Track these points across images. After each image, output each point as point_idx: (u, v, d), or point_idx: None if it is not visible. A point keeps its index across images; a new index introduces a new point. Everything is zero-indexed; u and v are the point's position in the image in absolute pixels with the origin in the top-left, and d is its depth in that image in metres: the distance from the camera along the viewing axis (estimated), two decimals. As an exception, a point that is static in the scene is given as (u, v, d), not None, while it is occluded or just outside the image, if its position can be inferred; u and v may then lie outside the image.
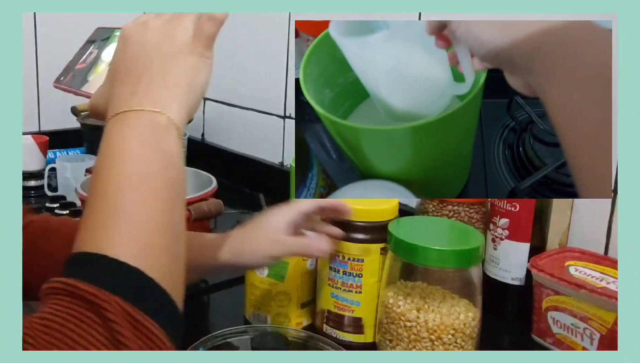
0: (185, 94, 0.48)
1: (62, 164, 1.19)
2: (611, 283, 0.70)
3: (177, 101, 0.48)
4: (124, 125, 0.46)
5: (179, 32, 0.50)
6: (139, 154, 0.44)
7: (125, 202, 0.41)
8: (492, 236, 0.81)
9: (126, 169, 0.43)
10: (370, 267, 0.70)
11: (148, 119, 0.46)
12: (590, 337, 0.70)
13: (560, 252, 0.79)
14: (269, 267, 0.74)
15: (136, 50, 0.49)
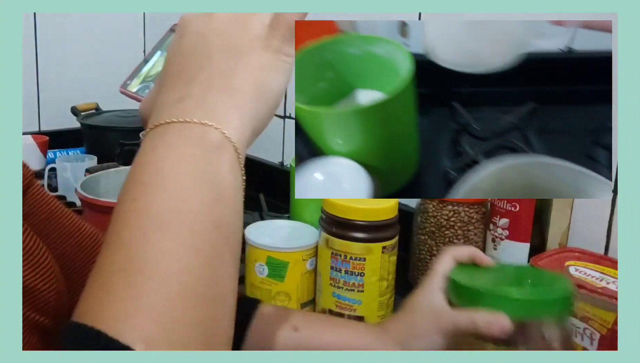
0: (252, 103, 0.38)
1: (62, 164, 1.19)
2: (611, 283, 0.70)
3: (239, 111, 0.37)
4: (162, 142, 0.35)
5: (252, 21, 0.39)
6: (177, 184, 0.33)
7: (148, 254, 0.30)
8: (492, 236, 0.81)
9: (155, 206, 0.32)
10: (371, 266, 0.71)
11: (196, 135, 0.35)
12: (590, 337, 0.70)
13: (560, 252, 0.79)
14: (269, 268, 0.74)
15: (194, 43, 0.38)
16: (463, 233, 0.84)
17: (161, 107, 0.37)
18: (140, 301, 0.29)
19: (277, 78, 0.38)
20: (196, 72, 0.37)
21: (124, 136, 1.32)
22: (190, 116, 0.35)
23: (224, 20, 0.38)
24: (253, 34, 0.38)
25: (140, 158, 0.35)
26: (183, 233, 0.31)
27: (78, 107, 1.48)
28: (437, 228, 0.85)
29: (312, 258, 0.75)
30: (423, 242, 0.87)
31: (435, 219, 0.85)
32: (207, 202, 0.33)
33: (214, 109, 0.36)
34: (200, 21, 0.39)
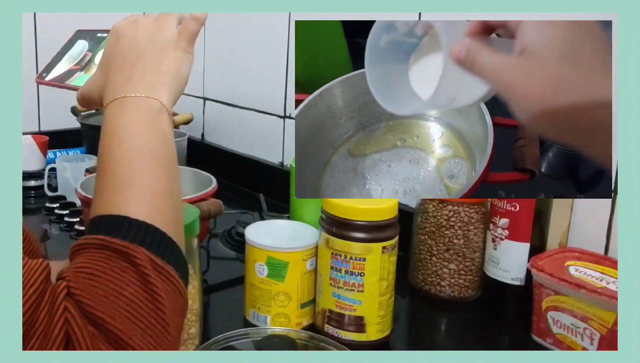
0: (173, 83, 0.55)
1: (62, 164, 1.19)
2: (611, 283, 0.70)
3: (166, 87, 0.55)
4: (125, 109, 0.52)
5: (166, 29, 0.57)
6: (143, 132, 0.51)
7: (136, 172, 0.48)
8: (492, 236, 0.81)
9: (134, 145, 0.50)
10: (371, 266, 0.70)
11: (145, 103, 0.52)
12: (590, 337, 0.70)
13: (560, 252, 0.79)
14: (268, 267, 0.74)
15: (129, 43, 0.56)
16: (463, 233, 0.84)
17: (114, 87, 0.54)
18: (139, 198, 0.48)
19: (186, 67, 0.57)
20: (134, 62, 0.54)
21: (124, 136, 1.32)
22: (138, 92, 0.52)
23: (147, 27, 0.57)
24: (168, 38, 0.57)
25: (111, 121, 0.51)
26: (154, 160, 0.50)
27: (78, 107, 1.47)
28: (437, 228, 0.85)
29: (312, 258, 0.75)
30: (423, 242, 0.87)
31: (435, 219, 0.85)
32: (161, 142, 0.51)
33: (152, 86, 0.53)
34: (130, 28, 0.57)
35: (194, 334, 0.67)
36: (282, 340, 0.67)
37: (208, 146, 1.49)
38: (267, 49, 1.29)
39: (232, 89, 1.41)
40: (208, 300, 0.84)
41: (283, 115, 1.28)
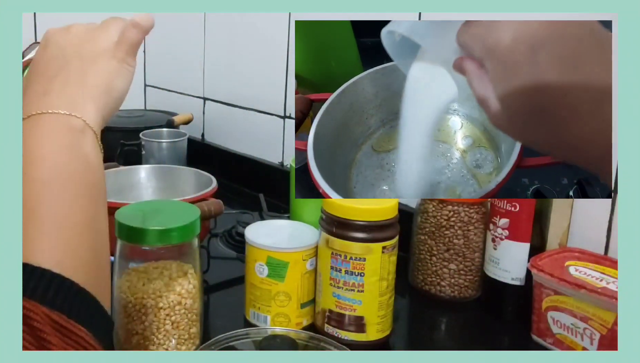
0: (101, 97, 0.49)
1: (62, 164, 1.19)
2: (611, 283, 0.70)
3: (93, 103, 0.48)
4: (39, 129, 0.45)
5: (101, 37, 0.51)
6: (56, 159, 0.44)
7: (43, 208, 0.41)
8: (492, 236, 0.81)
9: (43, 175, 0.43)
10: (371, 266, 0.71)
11: (63, 122, 0.46)
12: (590, 337, 0.70)
13: (560, 252, 0.79)
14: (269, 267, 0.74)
15: (55, 52, 0.50)
16: (463, 233, 0.84)
17: (29, 101, 0.47)
18: (47, 240, 0.40)
19: (121, 80, 0.51)
20: (56, 73, 0.48)
21: (124, 136, 1.32)
22: (56, 108, 0.46)
23: (79, 34, 0.51)
24: (102, 47, 0.50)
25: (24, 143, 0.44)
26: (68, 192, 0.43)
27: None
28: (437, 228, 0.85)
29: (312, 258, 0.75)
30: (423, 242, 0.87)
31: (435, 219, 0.85)
32: (80, 170, 0.45)
33: (73, 101, 0.47)
34: (60, 34, 0.51)
35: (194, 333, 0.67)
36: (283, 340, 0.67)
37: (208, 146, 1.49)
38: (267, 49, 1.29)
39: (232, 89, 1.41)
40: (208, 300, 0.84)
41: (283, 115, 1.28)
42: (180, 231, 0.63)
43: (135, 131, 1.32)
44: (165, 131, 1.35)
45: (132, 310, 0.63)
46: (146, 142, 1.28)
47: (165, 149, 1.29)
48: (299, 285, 0.75)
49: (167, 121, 1.39)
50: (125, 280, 0.64)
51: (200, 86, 1.50)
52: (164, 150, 1.29)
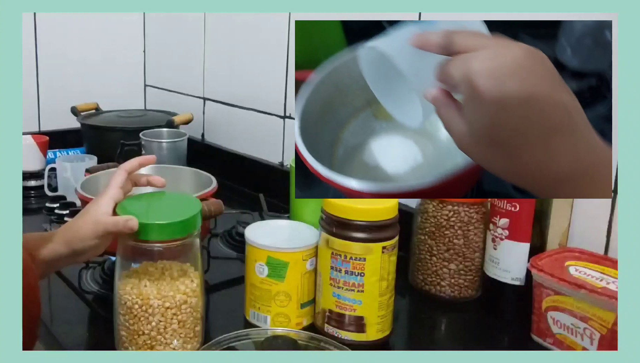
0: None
1: (62, 164, 1.19)
2: (611, 283, 0.70)
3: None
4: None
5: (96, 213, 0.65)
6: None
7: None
8: (492, 236, 0.81)
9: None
10: (371, 266, 0.70)
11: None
12: (590, 337, 0.70)
13: (560, 252, 0.79)
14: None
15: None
16: (463, 233, 0.84)
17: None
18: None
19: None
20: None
21: (124, 136, 1.32)
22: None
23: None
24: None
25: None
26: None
27: (78, 107, 1.48)
28: (437, 228, 0.85)
29: (312, 258, 0.75)
30: (423, 242, 0.87)
31: (435, 219, 0.85)
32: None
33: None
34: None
35: (199, 332, 0.67)
36: (284, 341, 0.67)
37: (208, 146, 1.49)
38: (267, 49, 1.29)
39: (232, 89, 1.41)
40: (208, 300, 0.84)
41: (283, 115, 1.28)
42: (182, 224, 0.64)
43: (135, 131, 1.32)
44: (165, 131, 1.35)
45: (138, 310, 0.63)
46: (146, 142, 1.28)
47: (165, 149, 1.29)
48: (299, 285, 0.75)
49: (167, 121, 1.39)
50: (128, 281, 0.64)
51: (200, 86, 1.50)
52: (164, 150, 1.29)
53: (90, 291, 0.84)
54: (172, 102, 1.59)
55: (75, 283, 0.84)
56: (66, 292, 0.83)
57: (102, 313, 0.78)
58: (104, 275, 0.88)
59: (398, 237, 0.73)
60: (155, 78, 1.68)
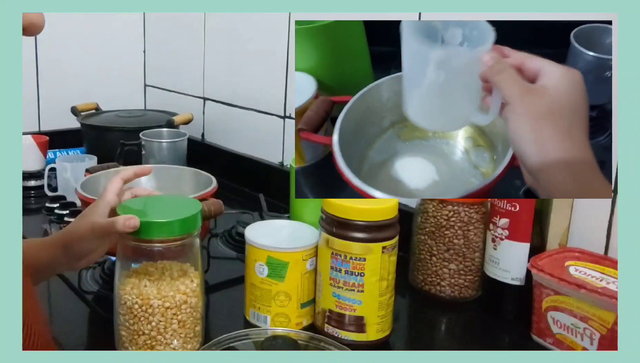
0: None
1: (62, 164, 1.19)
2: (611, 283, 0.70)
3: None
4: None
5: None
6: None
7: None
8: (492, 236, 0.81)
9: None
10: (371, 266, 0.71)
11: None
12: (590, 337, 0.70)
13: (560, 252, 0.79)
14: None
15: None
16: (463, 233, 0.84)
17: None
18: None
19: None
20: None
21: (124, 136, 1.32)
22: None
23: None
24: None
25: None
26: None
27: (78, 107, 1.48)
28: (437, 228, 0.85)
29: (312, 258, 0.75)
30: (423, 242, 0.87)
31: (435, 219, 0.85)
32: None
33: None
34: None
35: (199, 332, 0.67)
36: (284, 341, 0.67)
37: (208, 146, 1.49)
38: (267, 49, 1.29)
39: (232, 89, 1.41)
40: (208, 300, 0.84)
41: (283, 115, 1.28)
42: (182, 223, 0.64)
43: (135, 131, 1.32)
44: (165, 131, 1.35)
45: (138, 310, 0.63)
46: (146, 142, 1.28)
47: (165, 149, 1.29)
48: (299, 285, 0.75)
49: (167, 121, 1.39)
50: (128, 281, 0.64)
51: (200, 86, 1.50)
52: (164, 150, 1.29)
53: (90, 291, 0.84)
54: (172, 102, 1.59)
55: (75, 283, 0.84)
56: (66, 292, 0.83)
57: (102, 313, 0.78)
58: (104, 275, 0.88)
59: (398, 237, 0.73)
60: (155, 78, 1.68)
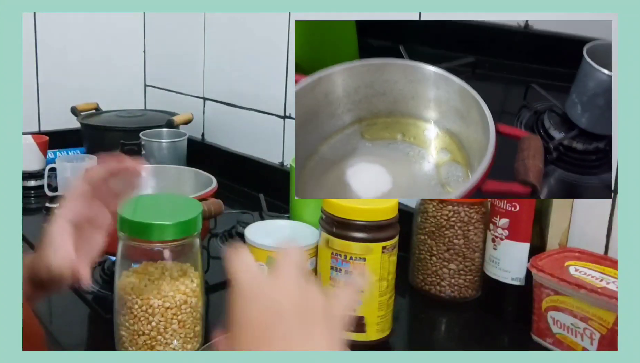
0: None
1: (62, 164, 1.19)
2: (611, 283, 0.70)
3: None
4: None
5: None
6: None
7: None
8: (492, 236, 0.81)
9: None
10: (371, 266, 0.71)
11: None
12: (590, 337, 0.70)
13: (560, 252, 0.79)
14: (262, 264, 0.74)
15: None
16: (463, 233, 0.84)
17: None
18: None
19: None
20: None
21: (124, 136, 1.32)
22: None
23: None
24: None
25: None
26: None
27: (78, 107, 1.48)
28: (437, 228, 0.85)
29: (312, 258, 0.75)
30: (423, 242, 0.87)
31: (435, 219, 0.85)
32: None
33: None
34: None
35: (199, 332, 0.67)
36: None
37: (208, 146, 1.49)
38: (267, 49, 1.29)
39: (232, 89, 1.41)
40: (208, 300, 0.83)
41: (283, 115, 1.28)
42: (184, 225, 0.64)
43: (135, 131, 1.32)
44: (165, 131, 1.35)
45: (138, 310, 0.63)
46: (146, 142, 1.28)
47: (165, 149, 1.29)
48: (299, 285, 0.75)
49: (167, 121, 1.39)
50: (128, 280, 0.64)
51: (200, 86, 1.50)
52: (164, 150, 1.29)
53: (90, 291, 0.84)
54: (172, 102, 1.59)
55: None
56: (66, 292, 0.83)
57: (102, 313, 0.78)
58: (104, 275, 0.88)
59: (398, 237, 0.73)
60: (155, 78, 1.68)
